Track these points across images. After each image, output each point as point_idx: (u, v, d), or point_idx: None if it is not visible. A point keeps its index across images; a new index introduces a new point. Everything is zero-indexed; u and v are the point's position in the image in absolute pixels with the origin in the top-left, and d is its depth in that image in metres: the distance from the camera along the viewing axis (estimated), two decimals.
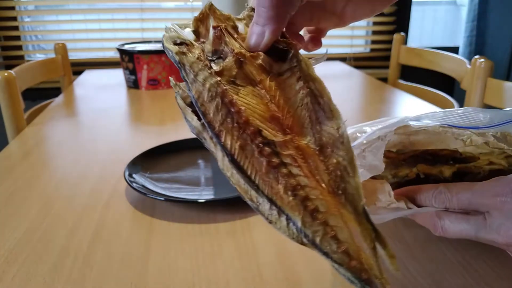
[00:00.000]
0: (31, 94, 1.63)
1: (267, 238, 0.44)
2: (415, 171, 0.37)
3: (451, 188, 0.31)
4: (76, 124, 0.84)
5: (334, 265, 0.23)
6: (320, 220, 0.24)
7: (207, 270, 0.39)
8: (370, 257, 0.23)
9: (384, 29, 1.84)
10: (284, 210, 0.24)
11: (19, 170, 0.62)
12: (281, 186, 0.25)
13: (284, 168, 0.25)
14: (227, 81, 0.28)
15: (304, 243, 0.24)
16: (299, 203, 0.24)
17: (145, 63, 1.09)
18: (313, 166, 0.26)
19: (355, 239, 0.24)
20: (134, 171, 0.56)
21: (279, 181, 0.25)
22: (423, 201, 0.32)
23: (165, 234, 0.45)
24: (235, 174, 0.26)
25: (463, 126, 0.35)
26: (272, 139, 0.26)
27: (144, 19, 1.70)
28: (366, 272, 0.23)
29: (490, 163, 0.37)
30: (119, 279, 0.38)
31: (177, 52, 0.29)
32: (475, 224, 0.30)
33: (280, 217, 0.24)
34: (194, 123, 0.28)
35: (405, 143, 0.35)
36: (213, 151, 0.27)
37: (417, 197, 0.33)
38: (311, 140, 0.27)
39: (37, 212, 0.50)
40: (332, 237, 0.23)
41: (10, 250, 0.43)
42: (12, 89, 0.87)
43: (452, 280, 0.37)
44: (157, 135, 0.77)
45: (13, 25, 1.64)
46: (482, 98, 0.94)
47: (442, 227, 0.31)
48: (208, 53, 0.30)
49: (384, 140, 0.32)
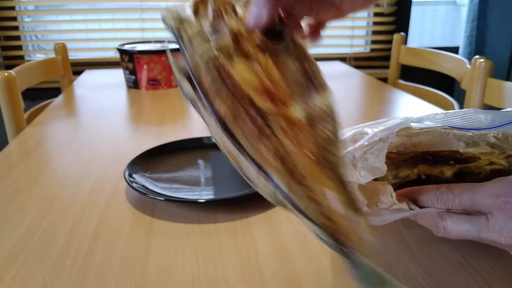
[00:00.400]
0: (31, 94, 1.62)
1: (267, 238, 0.44)
2: (416, 171, 0.37)
3: (453, 189, 0.31)
4: (76, 124, 0.84)
5: (314, 228, 0.25)
6: (304, 186, 0.25)
7: (207, 269, 0.39)
8: (351, 224, 0.25)
9: (384, 29, 1.84)
10: (272, 176, 0.25)
11: (19, 170, 0.62)
12: (271, 154, 0.26)
13: (274, 137, 0.27)
14: (224, 56, 0.29)
15: (287, 207, 0.26)
16: (286, 169, 0.25)
17: (145, 63, 1.09)
18: (301, 137, 0.27)
19: (336, 207, 0.25)
20: (134, 171, 0.56)
21: (269, 149, 0.26)
22: (425, 202, 0.32)
23: (165, 233, 0.45)
24: (225, 140, 0.27)
25: (464, 127, 0.35)
26: (264, 109, 0.27)
27: (144, 19, 1.70)
28: (344, 236, 0.24)
29: (491, 163, 0.37)
30: (119, 279, 0.38)
31: (177, 27, 0.30)
32: (477, 224, 0.30)
33: (267, 182, 0.26)
34: (188, 91, 0.29)
35: (407, 144, 0.35)
36: (206, 118, 0.29)
37: (419, 198, 0.33)
38: (302, 113, 0.28)
39: (37, 212, 0.50)
40: (315, 202, 0.25)
41: (10, 250, 0.43)
42: (12, 89, 0.87)
43: (452, 281, 0.37)
44: (157, 135, 0.77)
45: (13, 25, 1.64)
46: (482, 98, 0.94)
47: (444, 228, 0.31)
48: (207, 31, 0.31)
49: (386, 142, 0.33)
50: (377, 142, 0.33)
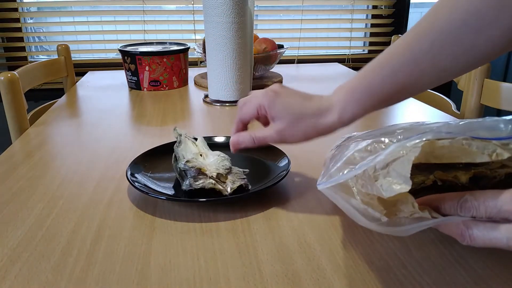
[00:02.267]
0: (34, 95, 1.64)
1: (267, 236, 0.44)
2: (432, 178, 0.37)
3: (478, 196, 0.30)
4: (79, 125, 0.85)
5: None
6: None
7: (208, 267, 0.40)
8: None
9: (382, 31, 1.84)
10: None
11: (22, 170, 0.62)
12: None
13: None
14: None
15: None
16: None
17: (147, 65, 1.10)
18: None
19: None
20: (136, 170, 0.56)
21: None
22: (448, 210, 0.31)
23: (166, 232, 0.46)
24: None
25: (486, 137, 0.33)
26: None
27: (146, 21, 1.71)
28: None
29: (503, 166, 0.36)
30: (121, 277, 0.39)
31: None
32: (506, 232, 0.29)
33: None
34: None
35: (429, 157, 0.33)
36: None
37: (441, 206, 0.32)
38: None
39: (40, 211, 0.50)
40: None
41: (13, 248, 0.43)
42: (16, 89, 0.88)
43: (450, 279, 0.38)
44: (158, 135, 0.77)
45: (16, 27, 1.65)
46: (479, 98, 0.95)
47: (470, 236, 0.30)
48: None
49: (409, 155, 0.31)
50: (398, 155, 0.32)
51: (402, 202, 0.32)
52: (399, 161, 0.32)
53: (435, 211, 0.32)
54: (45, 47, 1.80)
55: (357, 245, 0.43)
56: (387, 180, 0.32)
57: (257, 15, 1.82)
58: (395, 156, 0.32)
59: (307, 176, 0.59)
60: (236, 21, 0.91)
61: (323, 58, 1.85)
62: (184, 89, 1.15)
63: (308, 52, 1.85)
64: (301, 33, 1.77)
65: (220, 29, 0.91)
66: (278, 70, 1.33)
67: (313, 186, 0.56)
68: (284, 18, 1.90)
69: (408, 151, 0.32)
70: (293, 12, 1.79)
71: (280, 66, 1.41)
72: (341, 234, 0.45)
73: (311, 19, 1.78)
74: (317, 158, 0.65)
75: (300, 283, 0.37)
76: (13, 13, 1.63)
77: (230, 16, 0.90)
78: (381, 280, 0.38)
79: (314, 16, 1.81)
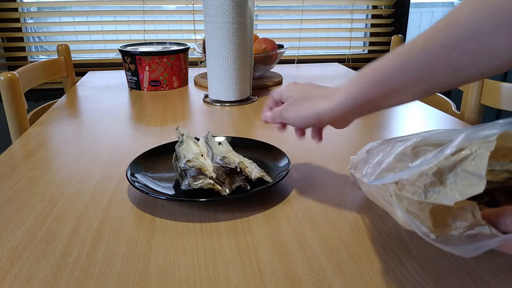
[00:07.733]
0: (34, 95, 1.64)
1: (267, 236, 0.44)
2: (505, 175, 0.32)
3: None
4: (79, 125, 0.85)
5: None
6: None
7: (208, 267, 0.40)
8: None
9: (382, 31, 1.84)
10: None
11: (22, 170, 0.62)
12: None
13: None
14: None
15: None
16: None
17: (147, 65, 1.10)
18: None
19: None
20: (136, 170, 0.57)
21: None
22: (509, 225, 0.28)
23: (166, 232, 0.46)
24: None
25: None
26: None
27: (146, 21, 1.71)
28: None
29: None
30: (121, 277, 0.39)
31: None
32: None
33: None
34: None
35: (504, 151, 0.30)
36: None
37: (501, 221, 0.28)
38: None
39: (40, 211, 0.50)
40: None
41: (13, 248, 0.43)
42: (16, 89, 0.88)
43: (450, 279, 0.38)
44: (158, 135, 0.77)
45: (16, 27, 1.65)
46: (479, 98, 0.95)
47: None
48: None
49: (484, 150, 0.27)
50: (467, 154, 0.28)
51: (459, 216, 0.29)
52: (470, 159, 0.28)
53: (494, 227, 0.28)
54: (45, 47, 1.80)
55: (357, 245, 0.43)
56: (456, 184, 0.28)
57: (257, 15, 1.82)
58: (461, 156, 0.28)
59: (307, 176, 0.59)
60: (236, 21, 0.91)
61: (323, 58, 1.85)
62: (184, 89, 1.15)
63: (308, 52, 1.85)
64: (301, 33, 1.77)
65: (220, 29, 0.91)
66: (278, 70, 1.33)
67: (313, 186, 0.56)
68: (284, 18, 1.90)
69: (477, 148, 0.28)
70: (293, 12, 1.79)
71: (280, 66, 1.41)
72: (341, 234, 0.45)
73: (311, 19, 1.79)
74: (317, 158, 0.65)
75: (300, 283, 0.37)
76: (13, 13, 1.63)
77: (230, 16, 0.90)
78: (381, 280, 0.38)
79: (314, 16, 1.81)
